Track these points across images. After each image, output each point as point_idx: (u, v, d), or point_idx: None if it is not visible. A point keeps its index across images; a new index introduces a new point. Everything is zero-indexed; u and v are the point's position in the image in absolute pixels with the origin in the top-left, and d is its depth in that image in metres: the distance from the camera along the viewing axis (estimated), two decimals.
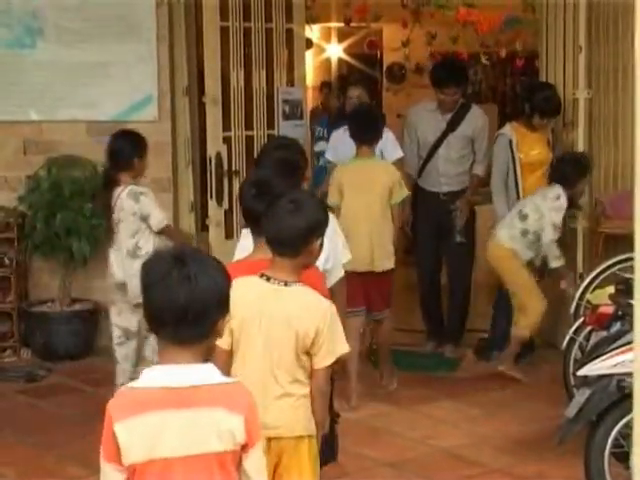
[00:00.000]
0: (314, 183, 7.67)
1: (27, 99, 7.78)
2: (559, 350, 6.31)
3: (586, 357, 5.20)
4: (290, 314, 3.62)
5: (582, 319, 6.05)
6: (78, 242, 7.37)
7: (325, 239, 3.81)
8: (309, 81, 10.65)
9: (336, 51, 14.49)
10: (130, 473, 2.70)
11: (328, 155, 7.55)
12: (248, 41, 7.63)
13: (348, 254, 4.91)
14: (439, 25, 12.69)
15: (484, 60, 13.87)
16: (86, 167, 7.53)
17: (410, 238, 7.78)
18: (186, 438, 2.68)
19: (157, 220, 6.06)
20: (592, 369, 4.88)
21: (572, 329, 6.12)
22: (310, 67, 12.24)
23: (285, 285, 3.66)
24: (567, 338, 6.10)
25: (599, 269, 6.75)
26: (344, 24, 13.02)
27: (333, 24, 13.73)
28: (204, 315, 2.69)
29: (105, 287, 7.61)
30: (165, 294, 2.66)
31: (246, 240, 4.17)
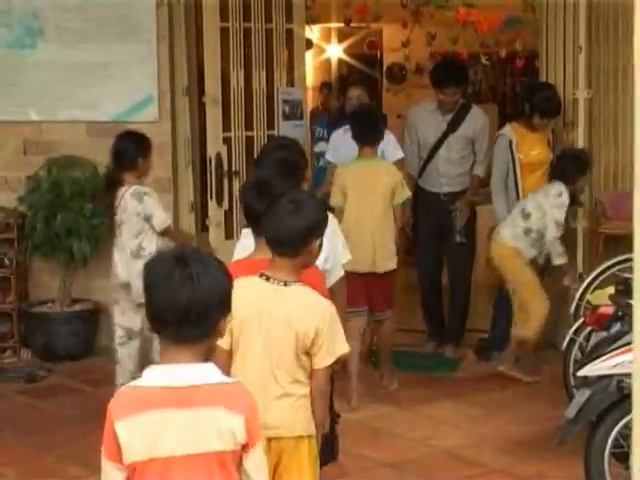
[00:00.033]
0: (314, 184, 7.67)
1: (27, 99, 7.77)
2: (559, 350, 6.32)
3: (586, 358, 5.20)
4: (290, 314, 3.62)
5: (582, 320, 6.05)
6: (78, 242, 7.37)
7: (324, 239, 3.81)
8: (309, 81, 10.65)
9: (336, 51, 14.49)
10: (130, 472, 2.71)
11: (328, 156, 7.55)
12: (248, 41, 7.62)
13: (348, 254, 4.92)
14: (439, 25, 12.69)
15: (484, 60, 13.87)
16: (86, 167, 7.53)
17: (411, 239, 7.78)
18: (186, 437, 2.68)
19: (160, 221, 6.06)
20: (592, 370, 4.88)
21: (572, 330, 6.12)
22: (310, 67, 12.24)
23: (285, 285, 3.66)
24: (567, 339, 6.10)
25: (599, 269, 6.75)
26: (344, 24, 13.02)
27: (333, 24, 13.73)
28: (206, 315, 2.69)
29: (105, 287, 7.62)
30: (167, 294, 2.67)
31: (246, 239, 4.17)
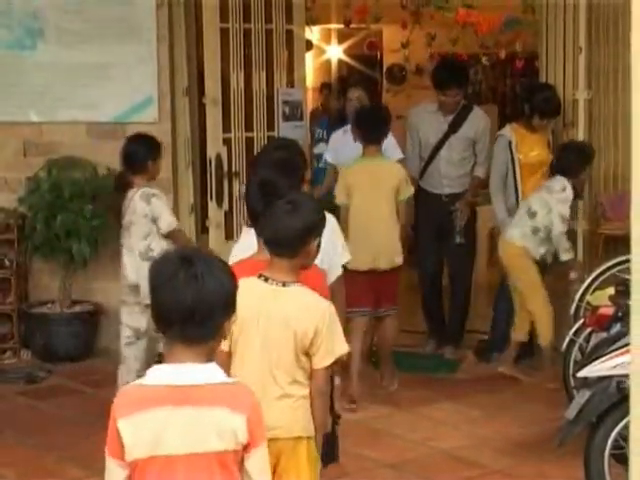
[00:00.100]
0: (313, 184, 7.67)
1: (27, 100, 7.77)
2: (559, 351, 6.32)
3: (586, 359, 5.20)
4: (288, 314, 3.62)
5: (582, 320, 6.05)
6: (78, 244, 7.36)
7: (322, 239, 3.81)
8: (309, 82, 10.65)
9: (336, 52, 14.49)
10: (132, 469, 2.72)
11: (327, 156, 7.55)
12: (248, 42, 7.62)
13: (347, 255, 4.90)
14: (439, 26, 12.71)
15: (484, 61, 13.87)
16: (86, 168, 7.53)
17: (412, 238, 7.77)
18: (188, 436, 2.70)
19: (166, 223, 6.06)
20: (592, 370, 4.88)
21: (572, 330, 6.12)
22: (310, 68, 12.24)
23: (283, 286, 3.66)
24: (567, 339, 6.10)
25: (599, 270, 6.75)
26: (344, 25, 13.03)
27: (333, 25, 13.73)
28: (210, 316, 2.71)
29: (106, 288, 7.66)
30: (172, 295, 2.69)
31: (248, 238, 4.15)
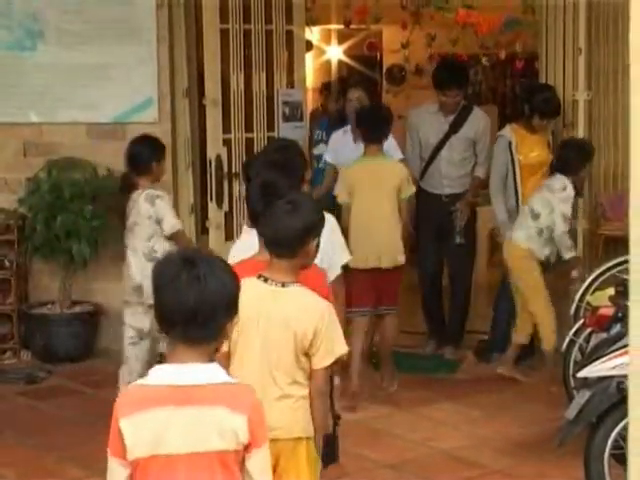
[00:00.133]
0: (312, 185, 7.65)
1: (27, 101, 7.77)
2: (559, 352, 6.32)
3: (586, 359, 5.20)
4: (288, 315, 3.62)
5: (582, 321, 6.05)
6: (78, 244, 7.36)
7: (321, 239, 3.81)
8: (309, 83, 10.65)
9: (336, 53, 14.47)
10: (134, 468, 2.73)
11: (327, 157, 7.55)
12: (248, 43, 7.62)
13: (347, 255, 4.90)
14: (439, 27, 12.70)
15: (484, 61, 13.86)
16: (86, 169, 7.53)
17: (413, 236, 7.76)
18: (189, 436, 2.71)
19: (170, 225, 6.07)
20: (592, 371, 4.88)
21: (572, 331, 6.12)
22: (310, 69, 12.23)
23: (282, 286, 3.66)
24: (567, 340, 6.11)
25: (599, 271, 6.75)
26: (344, 26, 13.01)
27: (333, 26, 13.71)
28: (213, 317, 2.72)
29: (105, 289, 7.67)
30: (174, 295, 2.70)
31: (248, 238, 4.15)
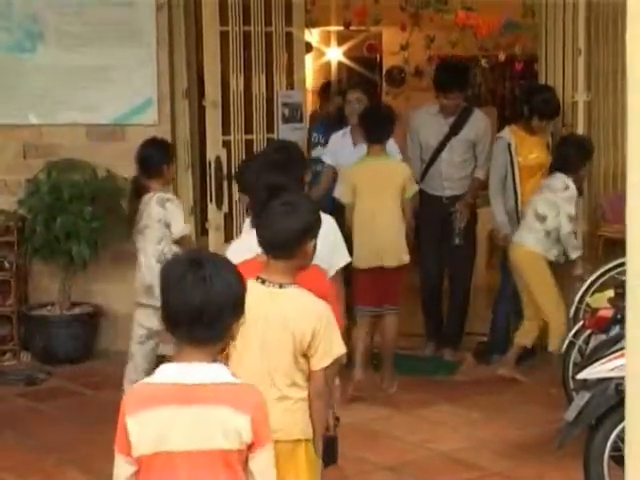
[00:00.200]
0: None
1: (27, 103, 7.78)
2: (559, 353, 6.32)
3: (585, 360, 5.20)
4: (286, 316, 3.62)
5: (582, 322, 6.05)
6: (78, 246, 7.36)
7: (320, 240, 3.80)
8: (309, 84, 10.65)
9: (336, 55, 14.48)
10: (139, 465, 2.77)
11: (326, 158, 7.55)
12: (248, 45, 7.62)
13: (347, 257, 4.88)
14: (438, 28, 12.71)
15: (484, 63, 13.87)
16: (86, 170, 7.54)
17: (412, 241, 7.77)
18: (192, 434, 2.73)
19: (178, 229, 6.10)
20: (591, 372, 4.88)
21: (571, 332, 6.13)
22: (310, 71, 12.24)
23: (280, 287, 3.66)
24: (566, 341, 6.11)
25: (598, 272, 6.74)
26: (344, 27, 13.02)
27: (333, 28, 13.73)
28: (218, 317, 2.76)
29: (105, 290, 7.69)
30: (181, 296, 2.74)
31: (249, 238, 4.12)
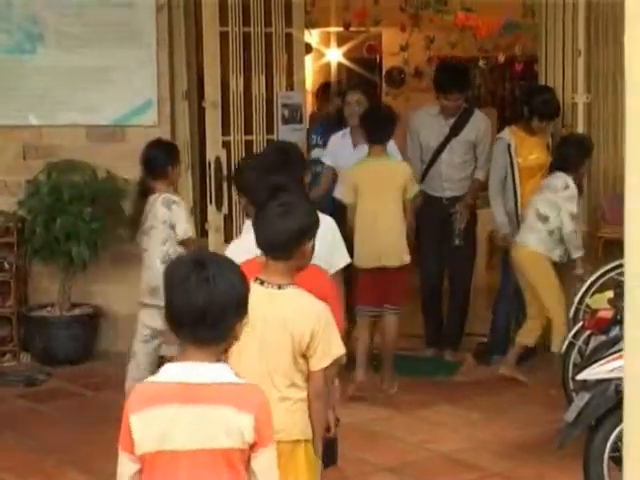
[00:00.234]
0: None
1: (27, 104, 7.78)
2: (559, 354, 6.32)
3: (585, 361, 5.21)
4: (285, 317, 3.62)
5: (581, 323, 6.05)
6: (77, 247, 7.37)
7: (317, 240, 3.80)
8: (308, 85, 10.66)
9: (335, 55, 14.49)
10: (142, 463, 2.78)
11: (325, 159, 7.55)
12: (247, 46, 7.63)
13: (347, 258, 4.89)
14: (438, 29, 12.72)
15: (481, 64, 13.88)
16: (86, 171, 7.54)
17: (412, 242, 7.77)
18: (195, 433, 2.74)
19: (182, 231, 6.12)
20: (591, 373, 4.88)
21: (571, 333, 6.13)
22: (310, 71, 12.25)
23: (279, 288, 3.66)
24: (566, 342, 6.11)
25: (598, 273, 6.74)
26: (343, 28, 13.03)
27: (332, 29, 13.74)
28: (222, 318, 2.76)
29: (105, 291, 7.69)
30: (184, 297, 2.76)
31: (248, 237, 4.13)
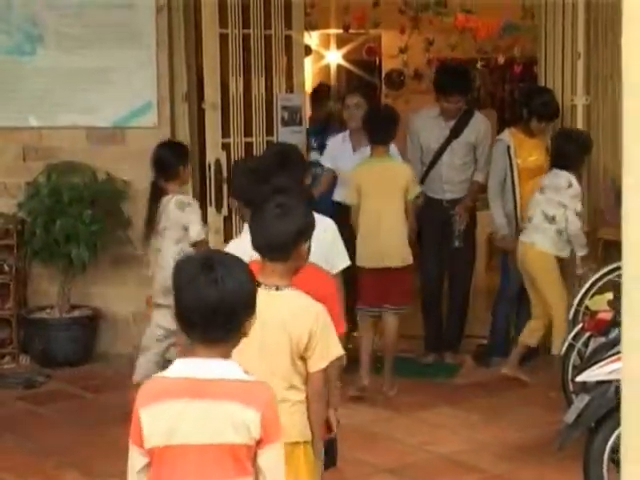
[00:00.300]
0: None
1: (27, 105, 7.78)
2: (558, 355, 6.32)
3: (585, 363, 5.21)
4: (283, 319, 3.62)
5: (581, 325, 6.05)
6: (77, 248, 7.37)
7: (313, 241, 3.80)
8: (308, 88, 10.66)
9: (335, 58, 14.49)
10: (150, 457, 2.82)
11: (325, 162, 7.56)
12: (247, 48, 7.63)
13: (346, 260, 4.88)
14: (437, 31, 12.73)
15: (479, 66, 13.88)
16: (85, 173, 7.54)
17: (414, 243, 7.76)
18: (203, 428, 2.77)
19: (195, 233, 6.19)
20: (591, 375, 4.88)
21: (571, 335, 6.12)
22: (309, 73, 12.26)
23: (276, 290, 3.66)
24: (566, 344, 6.10)
25: (598, 275, 6.72)
26: (343, 31, 13.05)
27: (332, 31, 13.74)
28: (231, 316, 2.79)
29: (104, 293, 7.69)
30: (193, 296, 2.78)
31: (247, 237, 4.12)
